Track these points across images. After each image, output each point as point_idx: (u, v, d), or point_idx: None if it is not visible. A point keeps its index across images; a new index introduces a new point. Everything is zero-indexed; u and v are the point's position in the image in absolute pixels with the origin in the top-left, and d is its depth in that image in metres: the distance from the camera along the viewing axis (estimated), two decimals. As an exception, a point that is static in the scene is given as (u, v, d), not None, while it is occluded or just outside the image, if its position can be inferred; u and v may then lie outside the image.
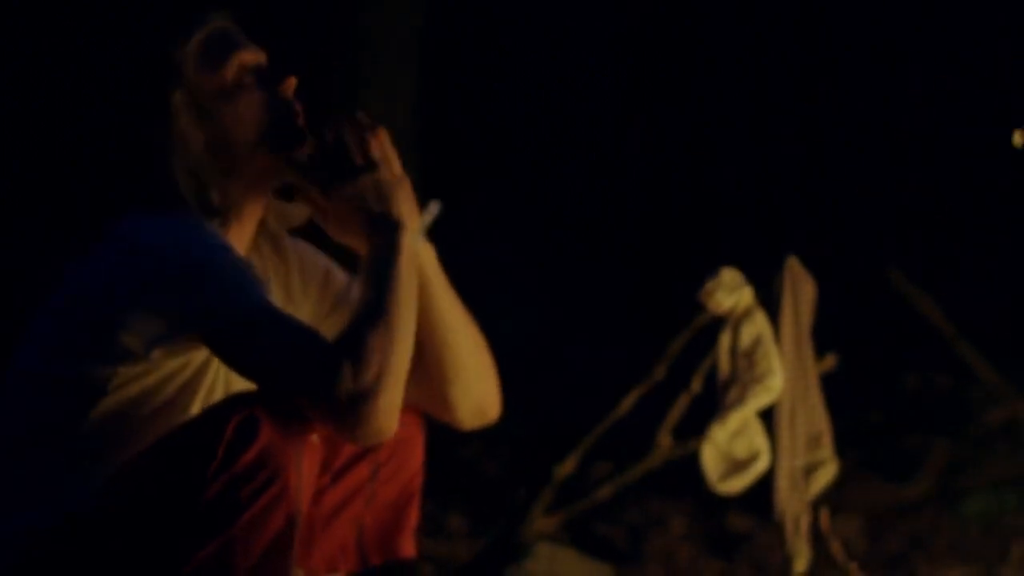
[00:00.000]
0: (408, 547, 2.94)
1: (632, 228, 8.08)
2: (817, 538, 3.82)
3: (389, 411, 2.53)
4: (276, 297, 2.72)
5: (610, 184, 8.21)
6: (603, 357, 6.54)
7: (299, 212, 2.77)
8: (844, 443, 4.00)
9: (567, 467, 4.07)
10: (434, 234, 2.77)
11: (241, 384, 2.62)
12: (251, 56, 2.68)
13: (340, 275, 2.85)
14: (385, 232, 2.64)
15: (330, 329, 2.67)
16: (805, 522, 3.78)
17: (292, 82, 2.69)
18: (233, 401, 2.53)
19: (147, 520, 2.50)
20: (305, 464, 2.53)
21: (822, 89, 8.19)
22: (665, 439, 4.01)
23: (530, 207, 8.00)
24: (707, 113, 8.29)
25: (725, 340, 3.71)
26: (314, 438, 2.56)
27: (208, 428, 2.50)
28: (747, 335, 3.69)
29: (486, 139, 8.18)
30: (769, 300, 3.73)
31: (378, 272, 2.61)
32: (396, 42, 5.72)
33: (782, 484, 3.74)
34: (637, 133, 8.35)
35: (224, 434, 2.48)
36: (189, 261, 2.51)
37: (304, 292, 2.84)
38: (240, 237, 2.69)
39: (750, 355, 3.69)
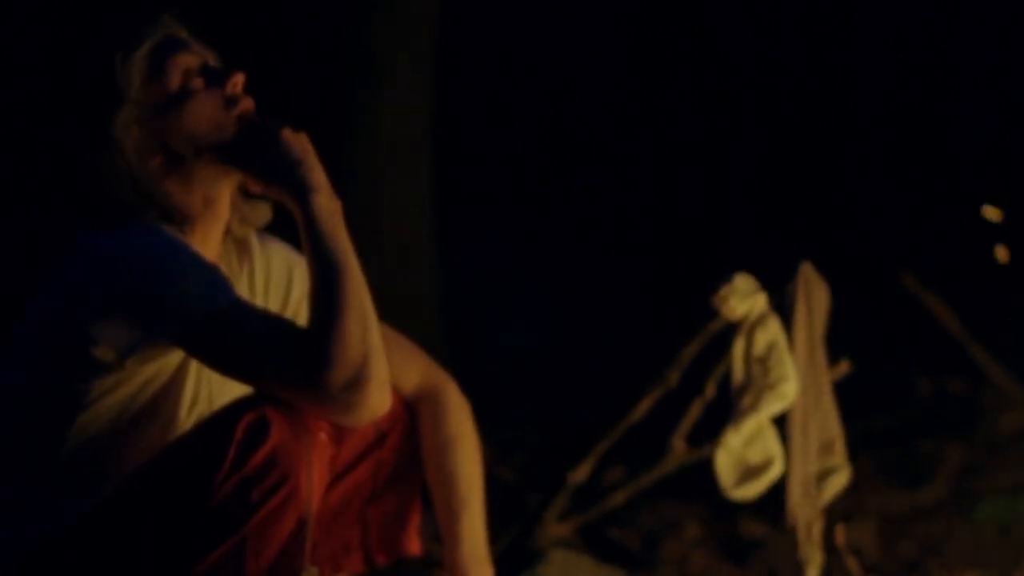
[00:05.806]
0: (413, 545, 2.94)
1: (645, 234, 8.07)
2: (831, 548, 3.81)
3: (382, 385, 2.50)
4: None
5: (622, 189, 8.21)
6: (616, 362, 6.54)
7: (262, 212, 2.73)
8: (857, 449, 4.00)
9: (580, 473, 4.06)
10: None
11: (225, 381, 2.61)
12: (194, 59, 2.63)
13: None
14: (316, 198, 2.56)
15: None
16: (818, 529, 3.78)
17: (239, 78, 2.64)
18: (243, 402, 2.53)
19: (159, 522, 2.51)
20: (316, 463, 2.53)
21: (834, 93, 8.18)
22: (679, 445, 4.01)
23: (542, 213, 7.99)
24: (720, 118, 8.28)
25: (739, 346, 3.70)
26: (323, 437, 2.56)
27: (218, 430, 2.50)
28: (761, 341, 3.68)
29: (498, 145, 8.18)
30: (783, 306, 3.72)
31: (327, 245, 2.54)
32: (410, 50, 5.72)
33: (795, 490, 3.74)
34: (649, 138, 8.35)
35: (234, 435, 2.48)
36: (148, 267, 2.49)
37: (266, 291, 2.81)
38: (206, 241, 2.66)
39: (764, 361, 3.69)
